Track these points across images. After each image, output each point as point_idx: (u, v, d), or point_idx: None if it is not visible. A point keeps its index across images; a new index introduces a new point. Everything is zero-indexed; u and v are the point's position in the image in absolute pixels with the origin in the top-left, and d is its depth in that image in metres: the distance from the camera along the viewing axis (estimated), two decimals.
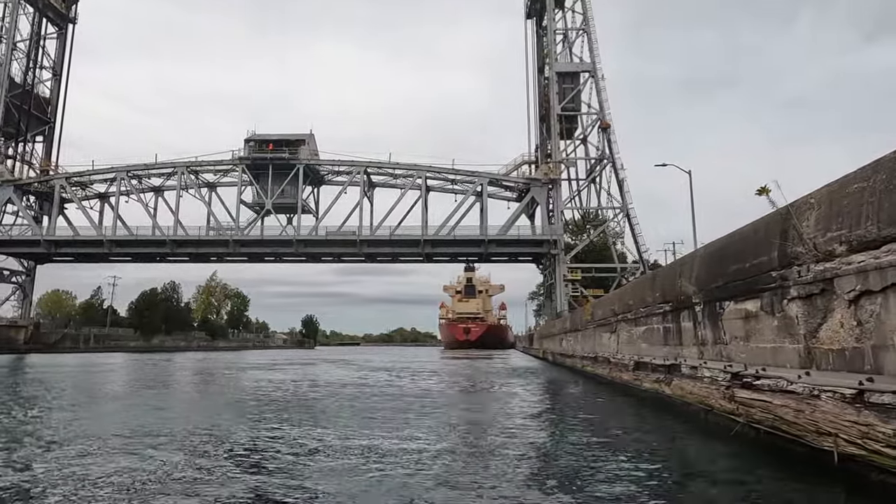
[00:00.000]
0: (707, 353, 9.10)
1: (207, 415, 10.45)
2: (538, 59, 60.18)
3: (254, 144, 57.43)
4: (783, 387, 6.26)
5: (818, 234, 5.93)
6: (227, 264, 61.93)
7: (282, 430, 8.53)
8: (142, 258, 59.97)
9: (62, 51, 63.40)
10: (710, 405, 8.35)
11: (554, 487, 5.38)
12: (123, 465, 6.01)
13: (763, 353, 7.21)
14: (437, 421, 9.65)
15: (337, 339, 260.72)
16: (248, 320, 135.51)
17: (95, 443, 7.32)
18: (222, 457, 6.58)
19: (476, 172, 54.62)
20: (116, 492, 5.04)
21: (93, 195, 59.31)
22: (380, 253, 56.21)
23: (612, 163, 52.37)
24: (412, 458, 6.52)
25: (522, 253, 56.63)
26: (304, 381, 20.06)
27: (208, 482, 5.41)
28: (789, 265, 6.45)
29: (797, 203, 6.51)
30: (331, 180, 60.04)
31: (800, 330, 6.33)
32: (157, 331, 76.82)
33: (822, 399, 5.50)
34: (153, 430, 8.34)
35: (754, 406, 6.87)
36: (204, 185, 58.68)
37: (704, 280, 9.09)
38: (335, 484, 5.38)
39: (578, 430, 8.83)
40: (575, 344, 24.65)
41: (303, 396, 14.26)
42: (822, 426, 5.48)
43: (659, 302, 11.54)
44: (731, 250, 8.15)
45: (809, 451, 5.67)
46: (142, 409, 11.25)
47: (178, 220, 55.45)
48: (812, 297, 6.06)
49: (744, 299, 7.66)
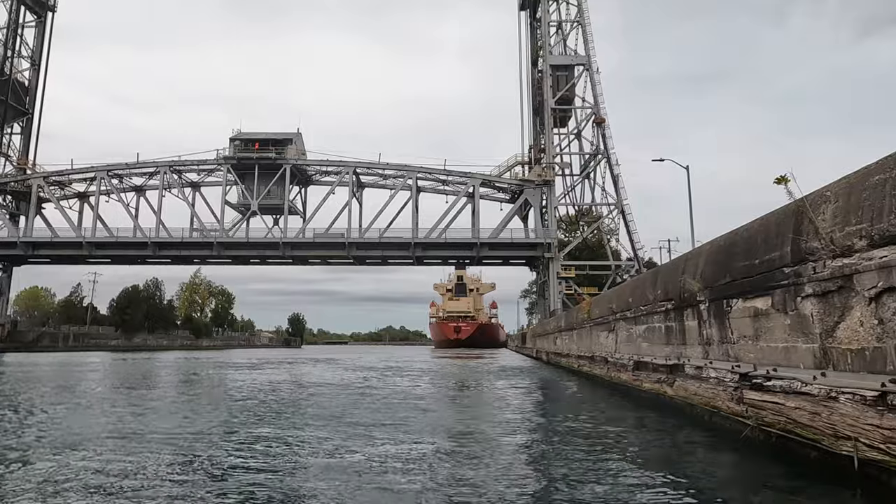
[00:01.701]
0: (713, 352, 8.94)
1: (176, 422, 10.17)
2: (532, 52, 60.10)
3: (239, 143, 56.73)
4: (797, 388, 6.09)
5: (835, 229, 5.76)
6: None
7: (258, 434, 8.29)
8: (122, 260, 59.21)
9: (41, 39, 62.54)
10: (717, 407, 8.19)
11: (550, 495, 5.17)
12: (88, 479, 5.76)
13: (774, 352, 7.05)
14: (424, 425, 9.43)
15: (324, 337, 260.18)
16: (233, 318, 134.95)
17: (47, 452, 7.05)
18: (196, 463, 6.33)
19: (468, 173, 54.37)
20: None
21: (72, 195, 58.40)
22: (369, 256, 55.81)
23: (607, 158, 52.41)
24: (398, 465, 6.31)
25: (515, 256, 56.44)
26: (287, 381, 19.78)
27: (182, 489, 5.17)
28: (804, 261, 6.28)
29: (811, 196, 6.35)
30: (318, 180, 59.59)
31: (815, 329, 6.17)
32: (140, 329, 76.20)
33: (841, 401, 5.33)
34: (117, 436, 8.07)
35: (765, 408, 6.70)
36: (187, 185, 58.03)
37: (710, 277, 8.93)
38: (310, 487, 5.16)
39: (576, 432, 8.65)
40: (570, 343, 24.53)
41: (284, 398, 14.00)
42: (840, 430, 5.32)
43: (661, 300, 11.39)
44: (739, 246, 7.98)
45: (826, 455, 5.50)
46: (103, 415, 10.95)
47: (160, 221, 54.77)
48: (829, 294, 5.90)
49: (753, 297, 7.50)
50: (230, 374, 24.05)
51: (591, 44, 54.62)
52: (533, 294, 70.45)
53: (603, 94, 53.58)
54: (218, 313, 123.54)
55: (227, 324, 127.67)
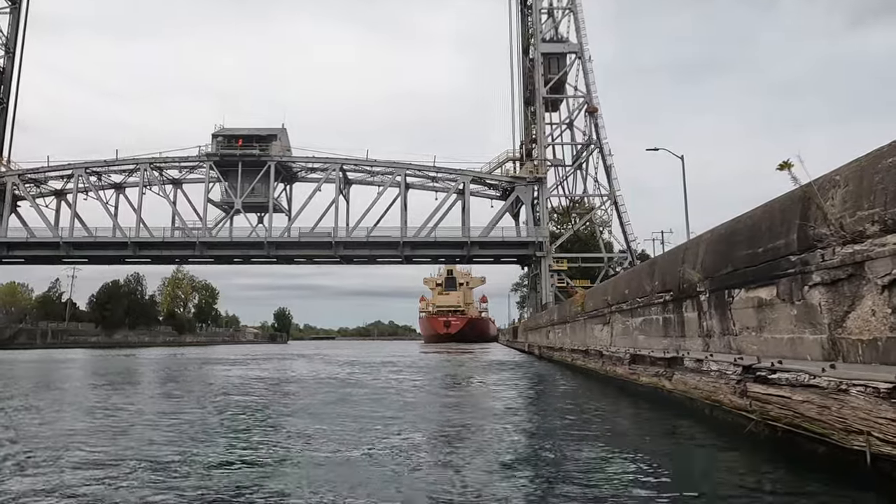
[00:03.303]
0: (713, 344, 8.82)
1: (154, 420, 9.94)
2: (523, 40, 59.78)
3: (222, 140, 55.81)
4: (804, 381, 5.95)
5: (846, 214, 5.62)
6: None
7: (241, 432, 8.08)
8: (101, 261, 58.37)
9: (15, 27, 61.34)
10: (718, 401, 8.06)
11: (546, 492, 5.01)
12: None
13: (779, 344, 6.92)
14: (412, 422, 9.25)
15: (311, 332, 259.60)
16: (217, 314, 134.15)
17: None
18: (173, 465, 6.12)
19: (458, 170, 53.99)
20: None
21: (48, 192, 57.19)
22: (356, 255, 55.41)
23: (600, 148, 52.35)
24: (387, 463, 6.12)
25: (506, 255, 56.28)
26: (273, 378, 19.56)
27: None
28: (811, 248, 6.14)
29: (819, 181, 6.20)
30: (304, 177, 58.96)
31: (823, 319, 6.03)
32: (120, 325, 75.46)
33: (852, 394, 5.19)
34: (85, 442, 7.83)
35: (770, 402, 6.58)
36: (168, 182, 57.18)
37: (711, 267, 8.79)
38: (294, 485, 4.96)
39: (571, 427, 8.50)
40: (564, 337, 24.44)
41: (269, 395, 13.79)
42: (851, 424, 5.19)
43: (658, 291, 11.25)
44: (741, 234, 7.84)
45: (836, 450, 5.38)
46: (85, 413, 10.69)
47: (140, 220, 53.86)
48: (838, 282, 5.76)
49: (757, 286, 7.36)
50: (213, 371, 23.76)
51: (584, 31, 54.46)
52: (524, 288, 70.48)
53: (595, 84, 53.52)
54: (201, 308, 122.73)
55: (211, 319, 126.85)
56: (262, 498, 4.81)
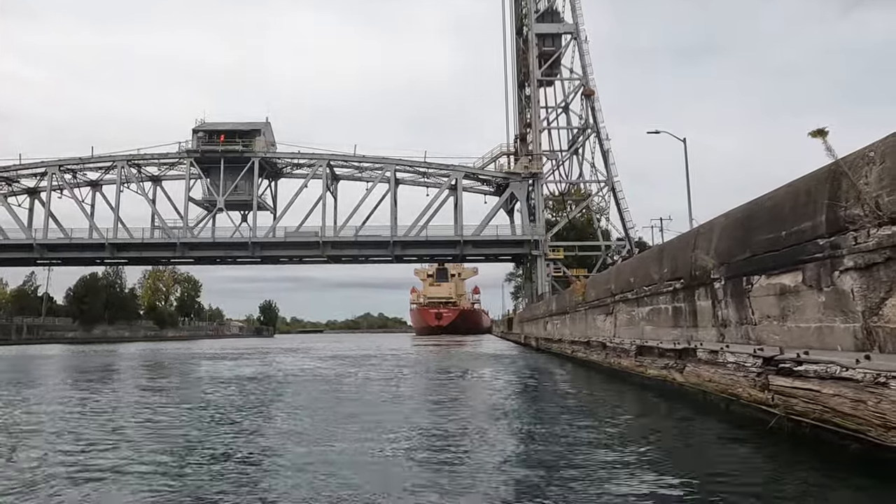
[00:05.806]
0: (730, 335, 8.58)
1: (135, 419, 9.62)
2: (516, 21, 59.20)
3: (203, 135, 54.46)
4: (835, 373, 5.70)
5: (882, 193, 5.35)
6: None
7: (226, 430, 7.78)
8: (77, 262, 57.28)
9: None
10: (736, 394, 7.83)
11: (550, 493, 4.74)
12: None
13: (805, 334, 6.68)
14: (403, 418, 8.95)
15: (298, 326, 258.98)
16: (200, 307, 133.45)
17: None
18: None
19: (451, 166, 53.20)
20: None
21: (20, 191, 55.87)
22: (344, 255, 54.53)
23: (597, 133, 52.05)
24: (379, 460, 5.84)
25: (501, 253, 55.73)
26: (258, 373, 19.25)
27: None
28: (842, 230, 5.88)
29: (850, 158, 5.93)
30: (290, 173, 57.87)
31: (856, 306, 5.79)
32: (99, 320, 74.73)
33: (892, 387, 4.95)
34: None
35: (796, 396, 6.33)
36: (147, 179, 56.06)
37: (727, 252, 8.54)
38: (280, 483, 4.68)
39: (576, 422, 8.25)
40: (563, 328, 24.25)
41: (255, 391, 13.50)
42: (890, 419, 4.95)
43: (667, 279, 11.01)
44: (761, 218, 7.58)
45: (872, 447, 5.14)
46: (66, 410, 10.35)
47: (118, 219, 52.64)
48: (873, 266, 5.50)
49: (779, 273, 7.11)
50: (196, 366, 23.42)
51: (580, 11, 54.00)
52: (518, 277, 70.20)
53: (592, 66, 53.13)
54: (184, 302, 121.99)
55: (194, 313, 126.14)
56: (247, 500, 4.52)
